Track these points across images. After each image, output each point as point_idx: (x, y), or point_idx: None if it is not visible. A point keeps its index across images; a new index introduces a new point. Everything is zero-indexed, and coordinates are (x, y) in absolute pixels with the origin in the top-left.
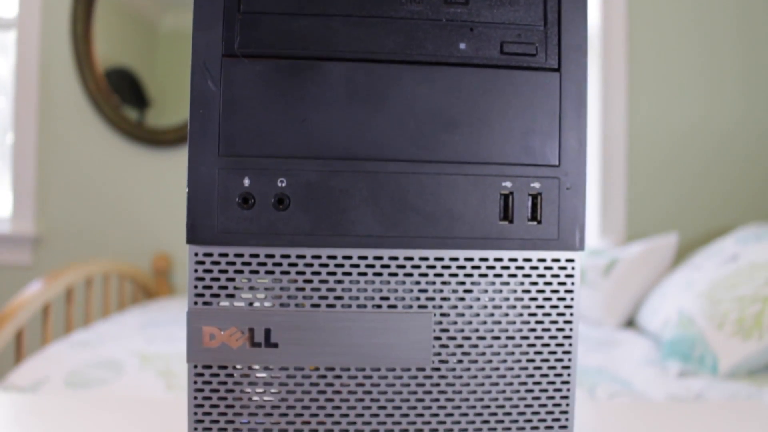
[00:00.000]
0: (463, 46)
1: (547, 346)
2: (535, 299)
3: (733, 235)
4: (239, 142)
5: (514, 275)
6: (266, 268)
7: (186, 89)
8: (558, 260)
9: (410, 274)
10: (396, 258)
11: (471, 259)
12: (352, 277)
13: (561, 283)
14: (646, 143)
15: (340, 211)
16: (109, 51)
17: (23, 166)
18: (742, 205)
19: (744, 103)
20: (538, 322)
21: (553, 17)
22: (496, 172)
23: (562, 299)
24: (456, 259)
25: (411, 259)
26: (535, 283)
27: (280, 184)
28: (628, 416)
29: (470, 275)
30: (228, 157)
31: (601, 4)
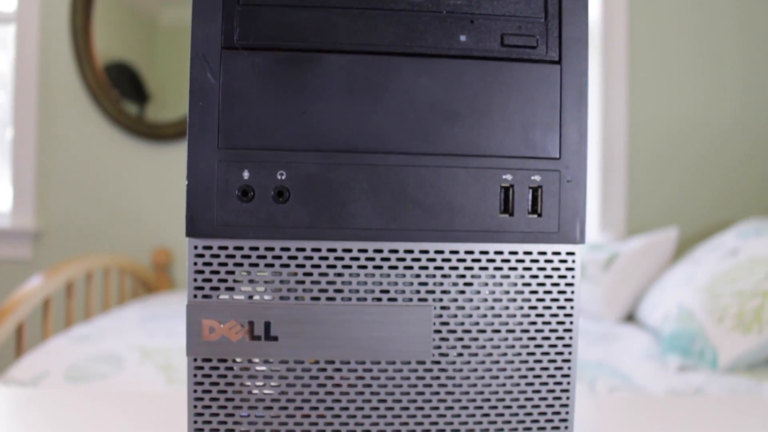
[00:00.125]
0: (463, 38)
1: (548, 339)
2: (535, 292)
3: (733, 230)
4: (239, 135)
5: (515, 268)
6: (266, 261)
7: (186, 83)
8: (558, 253)
9: (410, 267)
10: (396, 251)
11: (471, 252)
12: (352, 270)
13: (561, 276)
14: (646, 137)
15: (340, 203)
16: (109, 45)
17: (23, 160)
18: (743, 200)
19: (745, 97)
20: (539, 315)
21: (553, 9)
22: (496, 164)
23: (563, 292)
24: (456, 252)
25: (411, 251)
26: (536, 276)
27: (279, 177)
28: (627, 410)
29: (470, 268)
30: (227, 149)
31: None
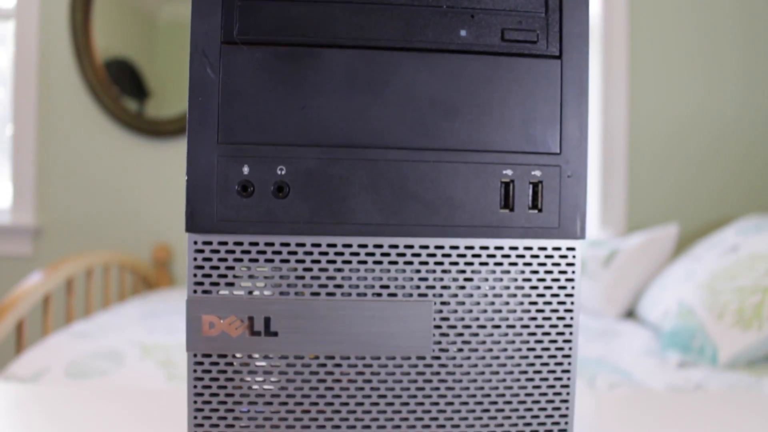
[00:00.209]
0: (463, 33)
1: (548, 334)
2: (535, 288)
3: (733, 226)
4: (238, 130)
5: (515, 264)
6: (266, 257)
7: (186, 80)
8: (559, 248)
9: (410, 263)
10: (396, 246)
11: (471, 248)
12: (352, 266)
13: (562, 272)
14: (646, 134)
15: (339, 199)
16: (109, 42)
17: (23, 157)
18: (743, 196)
19: (745, 94)
20: (539, 311)
21: (554, 4)
22: (496, 159)
23: (563, 288)
24: (456, 248)
25: (411, 247)
26: (536, 272)
27: (279, 172)
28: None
29: (471, 263)
30: (227, 144)
31: None
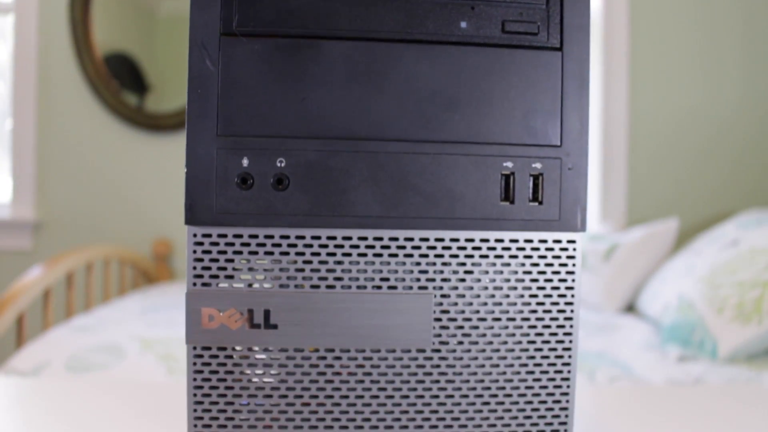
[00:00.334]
0: (464, 24)
1: (548, 327)
2: (536, 280)
3: (733, 221)
4: (238, 122)
5: (515, 256)
6: (265, 249)
7: (185, 74)
8: (559, 241)
9: (410, 255)
10: (396, 238)
11: (472, 240)
12: (352, 258)
13: (562, 265)
14: (646, 128)
15: (339, 191)
16: (108, 36)
17: (23, 151)
18: (743, 190)
19: (746, 88)
20: (539, 304)
21: None
22: (497, 152)
23: (564, 280)
24: (456, 240)
25: (411, 239)
26: (536, 264)
27: (279, 164)
28: (627, 400)
29: (471, 256)
30: (227, 137)
31: None
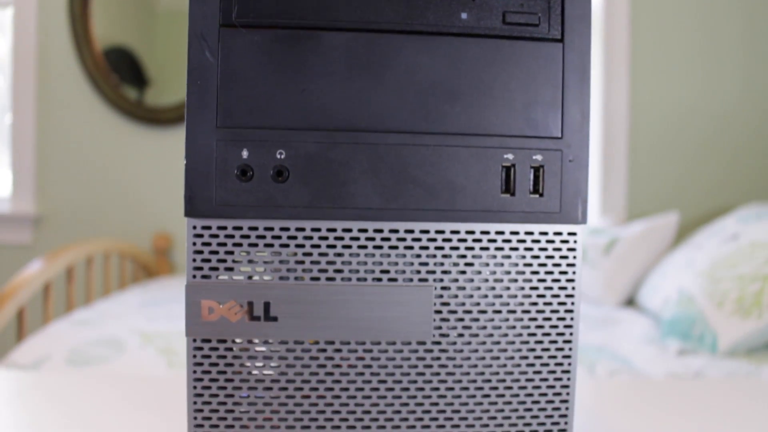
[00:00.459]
0: (464, 15)
1: (549, 319)
2: (536, 273)
3: (733, 215)
4: (237, 114)
5: (516, 248)
6: (265, 241)
7: (185, 68)
8: (560, 233)
9: (411, 247)
10: (396, 231)
11: (472, 232)
12: (352, 250)
13: (563, 257)
14: (647, 122)
15: (339, 183)
16: (108, 30)
17: (22, 145)
18: (743, 184)
19: (746, 82)
20: (540, 296)
21: None
22: (497, 144)
23: (564, 273)
24: (457, 232)
25: (411, 231)
26: (537, 257)
27: (279, 156)
28: (627, 393)
29: (471, 248)
30: (226, 128)
31: None
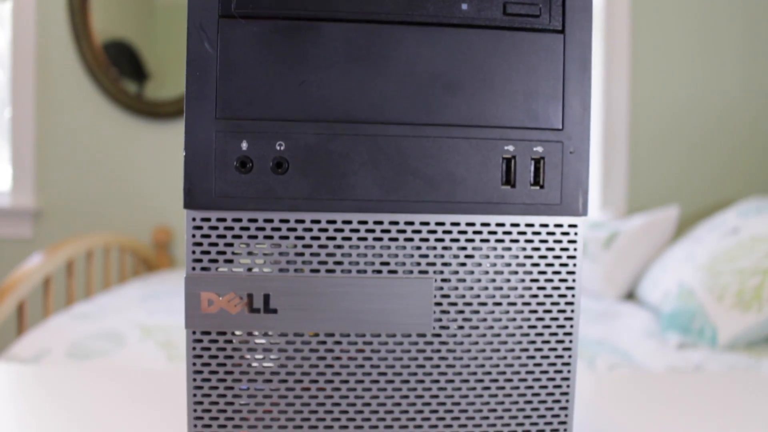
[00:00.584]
0: (465, 6)
1: (549, 312)
2: (537, 265)
3: (734, 208)
4: (237, 105)
5: (516, 240)
6: (265, 233)
7: (184, 60)
8: (561, 225)
9: (411, 239)
10: (396, 223)
11: (472, 224)
12: (352, 242)
13: (563, 249)
14: (647, 115)
15: (339, 175)
16: (107, 23)
17: (22, 139)
18: (744, 178)
19: (746, 76)
20: (540, 288)
21: None
22: (498, 135)
23: (565, 265)
24: (457, 224)
25: (412, 223)
26: (537, 249)
27: (278, 148)
28: (627, 387)
29: (472, 240)
30: (225, 120)
31: None
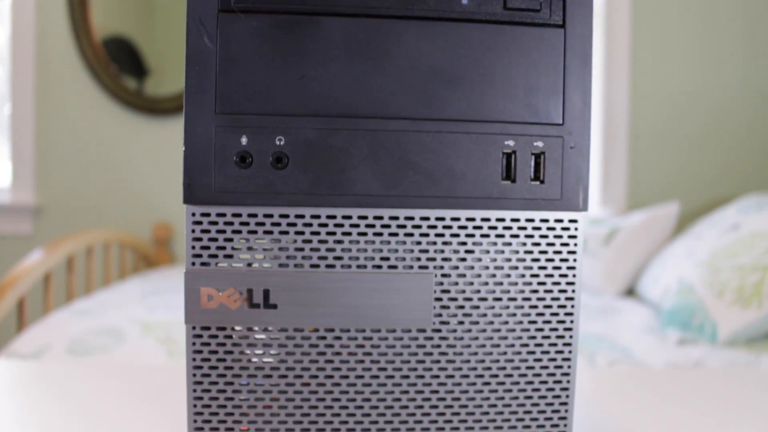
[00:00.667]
0: (465, 1)
1: (550, 307)
2: (537, 260)
3: (734, 205)
4: (236, 100)
5: (516, 235)
6: (264, 228)
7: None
8: (561, 221)
9: (411, 234)
10: (396, 218)
11: (473, 219)
12: (352, 237)
13: (564, 244)
14: (647, 112)
15: (339, 169)
16: (107, 19)
17: (22, 135)
18: (744, 175)
19: (746, 72)
20: (541, 284)
21: None
22: (498, 130)
23: (565, 260)
24: (457, 219)
25: (412, 218)
26: (538, 244)
27: (278, 143)
28: (627, 383)
29: (472, 235)
30: (225, 114)
31: None
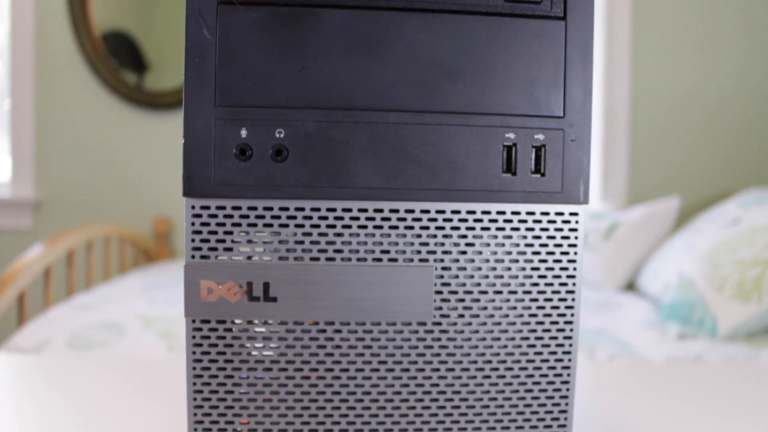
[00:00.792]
0: None
1: (550, 300)
2: (537, 253)
3: (734, 199)
4: (236, 92)
5: (517, 229)
6: (264, 221)
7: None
8: (561, 213)
9: (411, 227)
10: (397, 211)
11: (473, 212)
12: (352, 230)
13: (564, 237)
14: (648, 106)
15: (339, 162)
16: (106, 14)
17: (22, 130)
18: (744, 169)
19: (747, 66)
20: (541, 277)
21: None
22: (499, 123)
23: (566, 253)
24: (458, 212)
25: (412, 211)
26: (538, 237)
27: (278, 135)
28: (627, 377)
29: (472, 228)
30: (225, 107)
31: None
